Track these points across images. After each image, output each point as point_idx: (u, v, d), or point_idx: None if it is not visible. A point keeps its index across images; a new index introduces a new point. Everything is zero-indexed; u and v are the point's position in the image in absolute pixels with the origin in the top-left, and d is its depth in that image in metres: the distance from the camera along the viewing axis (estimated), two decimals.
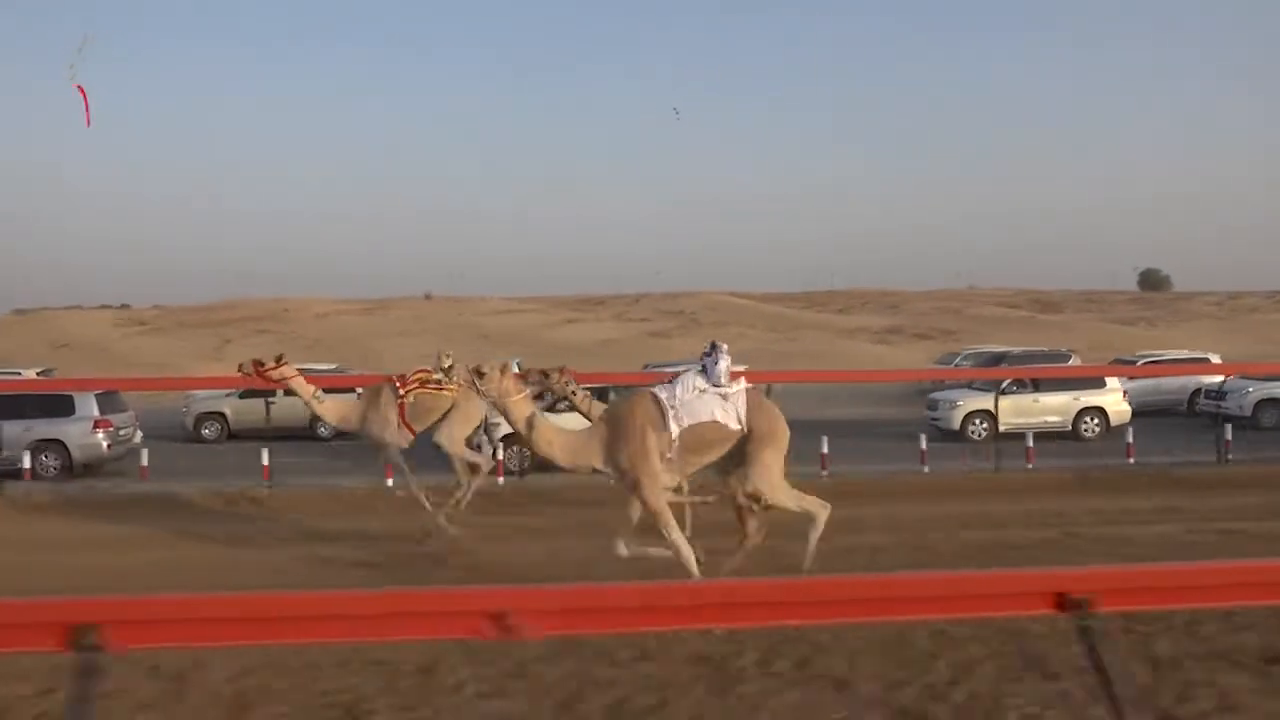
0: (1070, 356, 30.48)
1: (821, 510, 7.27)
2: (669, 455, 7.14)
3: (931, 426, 19.67)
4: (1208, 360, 25.28)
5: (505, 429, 13.29)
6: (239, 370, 10.01)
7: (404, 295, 68.45)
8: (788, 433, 7.48)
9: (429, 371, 9.85)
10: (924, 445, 15.27)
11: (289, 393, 10.32)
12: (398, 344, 49.00)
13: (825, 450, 14.21)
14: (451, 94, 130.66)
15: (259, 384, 10.45)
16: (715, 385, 7.25)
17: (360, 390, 11.55)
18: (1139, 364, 23.70)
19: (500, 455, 14.41)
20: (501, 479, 13.59)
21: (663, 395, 7.26)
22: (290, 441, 18.84)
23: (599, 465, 7.25)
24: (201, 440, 21.57)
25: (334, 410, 10.07)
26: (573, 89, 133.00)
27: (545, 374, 8.99)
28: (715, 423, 7.20)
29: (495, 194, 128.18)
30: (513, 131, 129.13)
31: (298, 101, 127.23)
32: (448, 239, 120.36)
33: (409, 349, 45.04)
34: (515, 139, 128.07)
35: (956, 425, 19.91)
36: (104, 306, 65.84)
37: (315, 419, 19.27)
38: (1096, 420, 20.63)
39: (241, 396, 21.08)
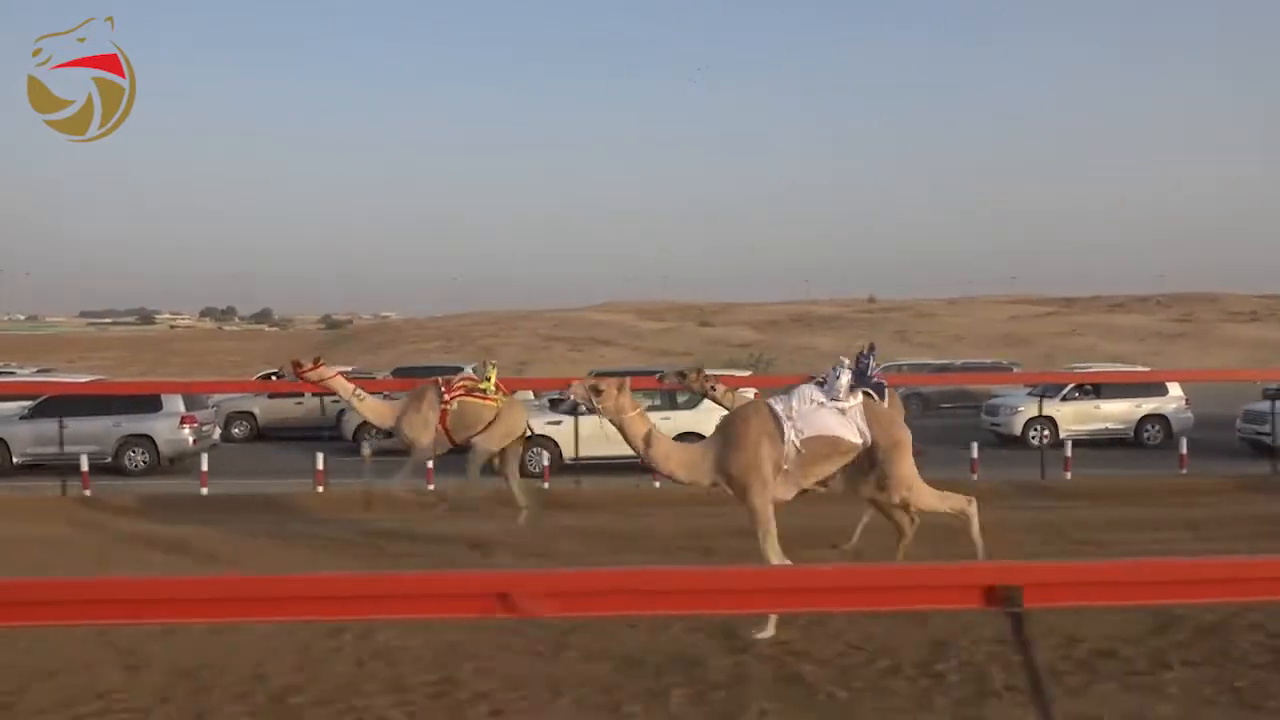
0: (1012, 369, 29.56)
1: (969, 504, 7.08)
2: (786, 467, 6.89)
3: (991, 432, 18.93)
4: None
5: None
6: (279, 372, 10.29)
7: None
8: (909, 434, 7.22)
9: (475, 380, 9.82)
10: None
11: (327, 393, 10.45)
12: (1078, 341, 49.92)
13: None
14: None
15: (300, 386, 10.78)
16: (833, 399, 7.00)
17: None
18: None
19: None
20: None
21: (778, 407, 6.99)
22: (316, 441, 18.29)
23: (715, 478, 6.97)
24: (231, 439, 21.06)
25: (375, 409, 9.93)
26: None
27: (682, 375, 9.14)
28: (836, 436, 6.96)
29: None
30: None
31: None
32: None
33: (1108, 347, 45.63)
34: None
35: (1018, 431, 19.18)
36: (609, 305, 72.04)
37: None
38: (1158, 427, 19.84)
39: (270, 397, 21.36)
